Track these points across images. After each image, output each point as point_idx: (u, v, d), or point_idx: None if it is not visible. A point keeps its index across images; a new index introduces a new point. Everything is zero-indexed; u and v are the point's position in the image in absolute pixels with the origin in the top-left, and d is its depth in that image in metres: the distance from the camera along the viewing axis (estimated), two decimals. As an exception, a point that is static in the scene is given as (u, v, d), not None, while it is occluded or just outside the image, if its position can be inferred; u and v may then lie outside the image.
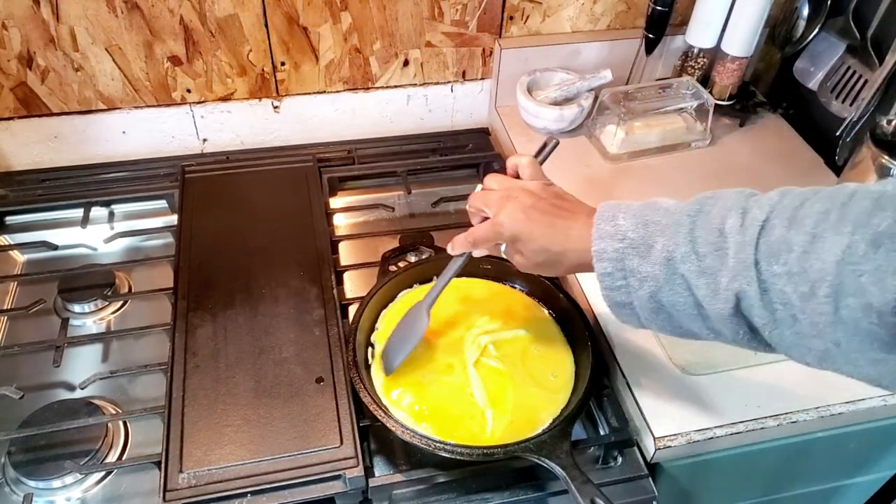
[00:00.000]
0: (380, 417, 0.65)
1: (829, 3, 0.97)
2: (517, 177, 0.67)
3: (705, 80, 1.07)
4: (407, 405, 0.69)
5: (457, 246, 0.67)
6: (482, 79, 1.09)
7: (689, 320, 0.53)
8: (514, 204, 0.61)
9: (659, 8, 0.98)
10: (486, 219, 0.64)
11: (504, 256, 0.66)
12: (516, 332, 0.77)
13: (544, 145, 0.70)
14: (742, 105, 1.08)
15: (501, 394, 0.70)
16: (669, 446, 0.68)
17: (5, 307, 0.86)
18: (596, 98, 1.02)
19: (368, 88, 1.06)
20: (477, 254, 0.69)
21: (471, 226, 0.66)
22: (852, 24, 0.95)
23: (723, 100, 1.06)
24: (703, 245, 0.50)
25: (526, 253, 0.61)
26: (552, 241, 0.59)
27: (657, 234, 0.52)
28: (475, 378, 0.71)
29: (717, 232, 0.50)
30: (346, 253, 0.93)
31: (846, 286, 0.43)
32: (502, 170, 1.02)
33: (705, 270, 0.49)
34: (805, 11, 1.00)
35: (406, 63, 1.04)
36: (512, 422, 0.68)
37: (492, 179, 0.66)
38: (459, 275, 0.81)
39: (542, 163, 0.69)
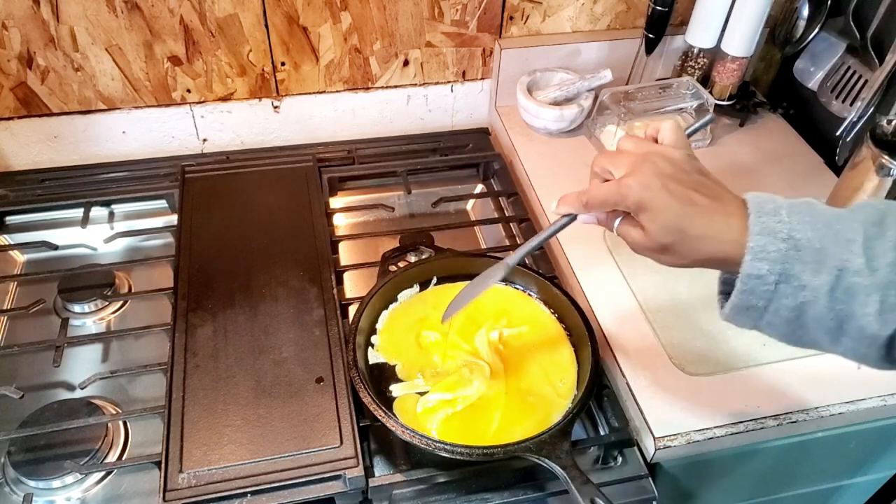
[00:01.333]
0: (380, 417, 0.65)
1: (829, 3, 0.97)
2: (656, 142, 0.56)
3: (705, 80, 1.07)
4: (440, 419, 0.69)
5: (565, 203, 0.57)
6: (482, 79, 1.09)
7: (823, 334, 0.48)
8: (650, 167, 0.51)
9: (659, 8, 0.98)
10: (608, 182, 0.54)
11: (615, 232, 0.55)
12: (520, 330, 0.77)
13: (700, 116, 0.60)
14: (742, 105, 1.08)
15: (513, 394, 0.71)
16: (669, 446, 0.68)
17: (5, 307, 0.86)
18: (596, 98, 1.02)
19: (368, 88, 1.06)
20: (583, 220, 0.57)
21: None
22: (852, 24, 0.95)
23: (723, 100, 1.06)
24: (879, 258, 0.45)
25: (651, 229, 0.51)
26: (690, 221, 0.50)
27: (828, 238, 0.46)
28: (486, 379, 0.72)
29: (894, 246, 0.45)
30: (346, 253, 0.93)
31: None
32: (503, 170, 1.03)
33: (877, 287, 0.45)
34: (805, 11, 1.00)
35: (406, 63, 1.04)
36: (523, 423, 0.68)
37: (628, 141, 0.55)
38: (460, 276, 0.82)
39: (689, 135, 0.58)
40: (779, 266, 0.47)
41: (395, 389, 0.71)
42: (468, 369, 0.72)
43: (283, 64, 0.99)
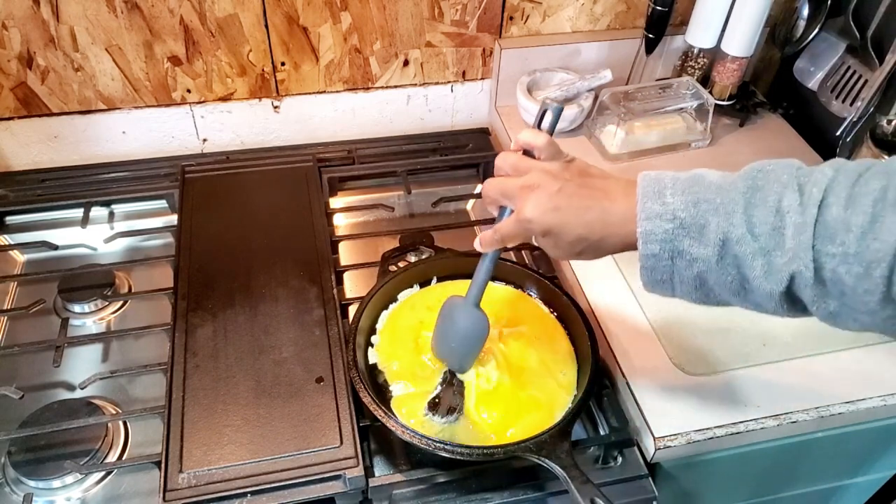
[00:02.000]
0: (380, 417, 0.65)
1: (829, 3, 0.97)
2: (530, 155, 0.60)
3: (705, 80, 1.07)
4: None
5: (485, 243, 0.62)
6: (482, 79, 1.09)
7: (730, 294, 0.51)
8: (538, 194, 0.55)
9: (659, 8, 0.98)
10: (503, 208, 0.59)
11: (537, 245, 0.60)
12: (520, 329, 0.77)
13: (543, 112, 0.61)
14: (742, 105, 1.08)
15: (519, 390, 0.71)
16: (669, 446, 0.68)
17: (5, 307, 0.86)
18: (596, 98, 1.02)
19: (368, 88, 1.06)
20: (510, 245, 0.62)
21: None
22: (852, 24, 0.95)
23: (723, 100, 1.06)
24: (759, 225, 0.48)
25: (561, 245, 0.56)
26: (589, 228, 0.54)
27: (710, 213, 0.50)
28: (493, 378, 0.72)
29: (774, 211, 0.48)
30: (346, 253, 0.93)
31: None
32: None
33: (761, 251, 0.48)
34: (805, 11, 1.00)
35: (406, 63, 1.04)
36: (525, 420, 0.68)
37: (504, 161, 0.60)
38: (461, 275, 0.82)
39: (551, 134, 0.61)
40: (668, 245, 0.51)
41: (395, 389, 0.71)
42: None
43: (283, 64, 0.99)
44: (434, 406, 0.69)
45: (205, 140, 1.06)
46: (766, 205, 0.48)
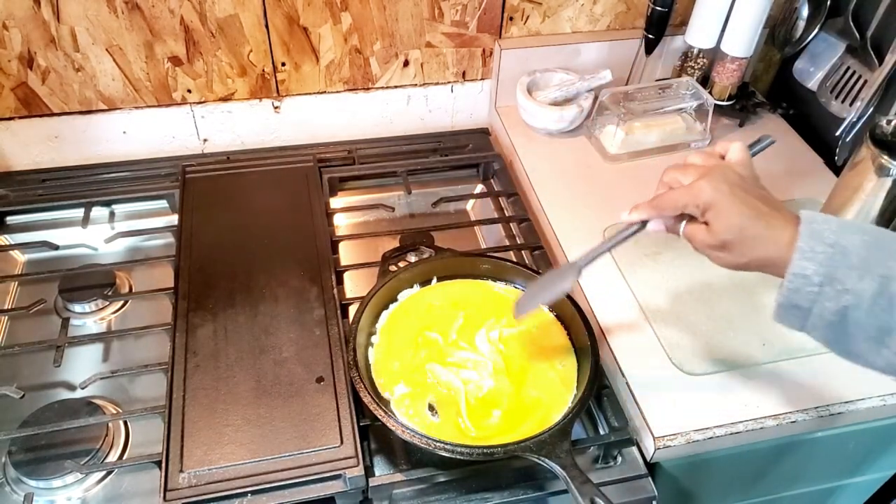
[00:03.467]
0: (380, 417, 0.65)
1: (828, 3, 0.98)
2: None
3: (705, 81, 1.07)
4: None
5: (637, 210, 0.61)
6: (482, 79, 1.09)
7: (865, 342, 0.50)
8: (719, 174, 0.56)
9: (659, 8, 0.98)
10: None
11: (682, 234, 0.60)
12: (521, 329, 0.77)
13: (758, 140, 0.64)
14: (742, 105, 1.08)
15: (519, 390, 0.71)
16: (669, 446, 0.68)
17: (6, 307, 0.86)
18: (596, 98, 1.02)
19: (368, 89, 1.06)
20: (651, 227, 0.61)
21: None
22: (852, 24, 0.95)
23: (722, 100, 1.06)
24: None
25: (715, 227, 0.55)
26: (751, 222, 0.54)
27: (874, 248, 0.49)
28: (492, 376, 0.72)
29: None
30: (346, 253, 0.93)
31: None
32: (503, 170, 1.03)
33: None
34: (805, 12, 1.00)
35: (406, 63, 1.04)
36: (525, 419, 0.69)
37: (696, 155, 0.61)
38: (461, 275, 0.82)
39: (753, 155, 0.62)
40: (824, 268, 0.50)
41: (395, 389, 0.71)
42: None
43: (283, 64, 0.99)
44: (434, 408, 0.69)
45: (205, 140, 1.06)
46: None
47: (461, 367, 0.72)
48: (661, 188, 0.61)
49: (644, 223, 0.61)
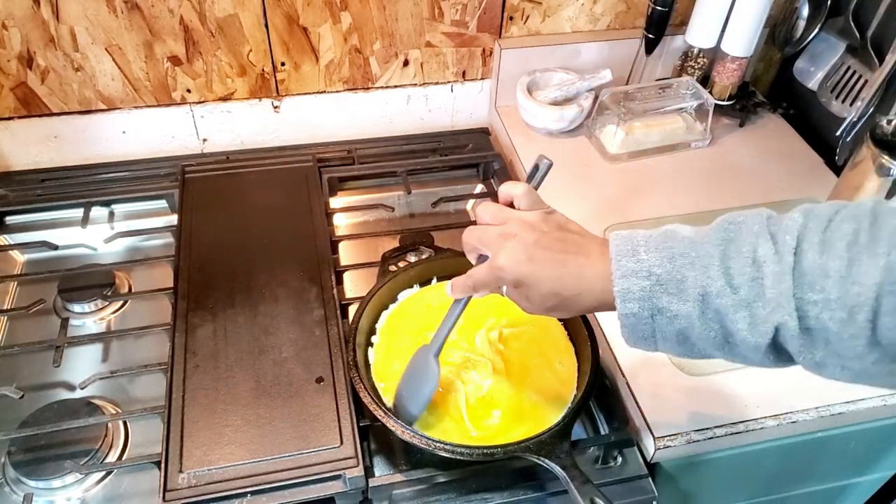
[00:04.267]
0: (380, 417, 0.65)
1: (828, 3, 0.98)
2: (511, 205, 0.60)
3: (705, 80, 1.07)
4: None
5: (456, 289, 0.61)
6: (482, 79, 1.09)
7: (714, 349, 0.50)
8: (514, 243, 0.54)
9: (659, 8, 0.98)
10: (484, 256, 0.58)
11: (508, 299, 0.59)
12: (521, 329, 0.77)
13: (535, 168, 0.62)
14: (742, 105, 1.08)
15: (519, 390, 0.71)
16: (669, 446, 0.68)
17: (5, 307, 0.86)
18: (596, 98, 1.02)
19: (368, 88, 1.06)
20: (478, 296, 0.61)
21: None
22: (852, 24, 0.95)
23: (723, 100, 1.06)
24: (737, 277, 0.47)
25: (533, 298, 0.55)
26: (563, 284, 0.53)
27: (686, 267, 0.49)
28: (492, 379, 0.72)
29: (751, 262, 0.47)
30: (346, 253, 0.93)
31: (885, 307, 0.42)
32: (502, 170, 1.03)
33: (742, 303, 0.47)
34: (805, 11, 1.00)
35: (406, 63, 1.04)
36: (526, 418, 0.69)
37: (485, 210, 0.59)
38: (460, 275, 0.82)
39: (537, 187, 0.62)
40: (647, 303, 0.50)
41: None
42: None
43: (283, 64, 0.99)
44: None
45: (205, 140, 1.06)
46: (741, 256, 0.47)
47: (461, 366, 0.72)
48: (471, 254, 0.60)
49: (470, 297, 0.62)
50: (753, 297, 0.46)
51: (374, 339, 0.76)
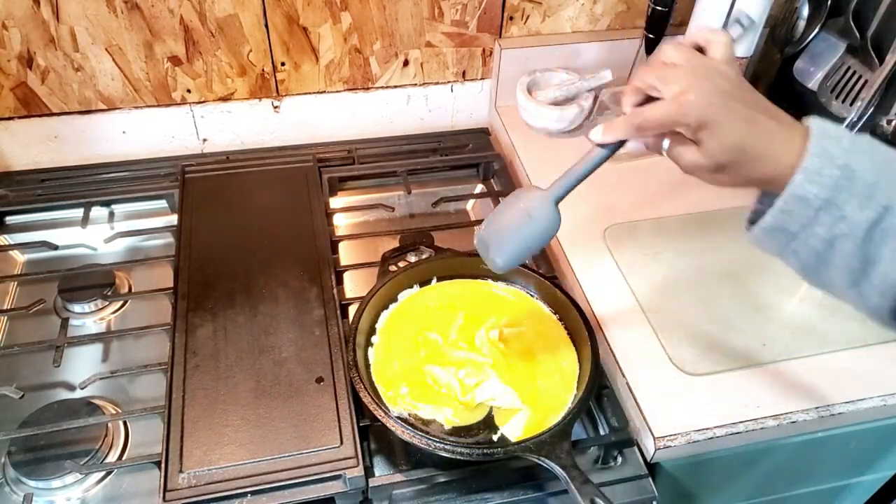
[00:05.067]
0: (380, 417, 0.65)
1: (829, 3, 0.97)
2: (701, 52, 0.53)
3: (705, 80, 1.07)
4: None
5: (611, 130, 0.53)
6: (482, 79, 1.09)
7: (845, 273, 0.46)
8: (708, 84, 0.48)
9: (659, 8, 0.98)
10: (653, 100, 0.50)
11: (665, 154, 0.52)
12: (521, 329, 0.77)
13: (737, 22, 0.56)
14: (742, 105, 1.08)
15: (521, 388, 0.71)
16: (669, 446, 0.68)
17: (5, 307, 0.86)
18: (596, 98, 1.02)
19: (368, 88, 1.06)
20: (630, 147, 0.54)
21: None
22: (852, 24, 0.95)
23: (723, 100, 1.06)
24: None
25: (710, 146, 0.48)
26: (751, 139, 0.48)
27: (883, 176, 0.44)
28: (493, 376, 0.72)
29: None
30: (346, 253, 0.93)
31: None
32: (502, 170, 1.03)
33: None
34: (805, 12, 1.00)
35: (406, 63, 1.04)
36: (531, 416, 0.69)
37: (674, 50, 0.51)
38: (460, 275, 0.82)
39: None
40: (827, 192, 0.45)
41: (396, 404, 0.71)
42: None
43: (283, 64, 0.99)
44: None
45: (205, 140, 1.06)
46: None
47: (461, 367, 0.72)
48: (632, 95, 0.52)
49: (619, 144, 0.54)
50: None
51: (374, 339, 0.76)
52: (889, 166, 0.45)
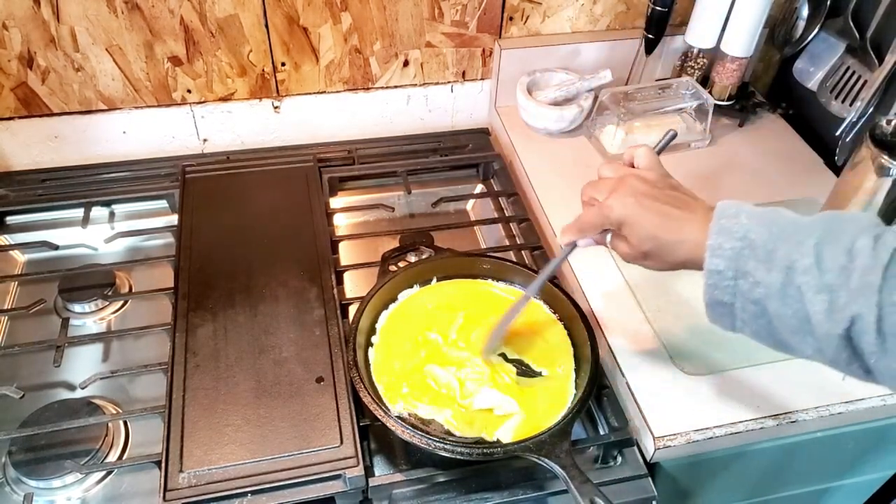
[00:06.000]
0: (380, 417, 0.65)
1: (828, 3, 0.98)
2: (633, 167, 0.64)
3: (705, 81, 1.07)
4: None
5: (565, 233, 0.65)
6: (482, 79, 1.09)
7: (790, 333, 0.51)
8: (625, 188, 0.59)
9: (658, 8, 0.98)
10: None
11: (608, 246, 0.64)
12: (520, 329, 0.77)
13: (663, 136, 0.68)
14: (742, 105, 1.08)
15: (519, 391, 0.71)
16: (669, 446, 0.68)
17: (6, 307, 0.86)
18: (596, 98, 1.02)
19: (368, 88, 1.06)
20: (583, 244, 0.65)
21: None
22: (852, 24, 0.95)
23: (722, 100, 1.06)
24: (828, 261, 0.48)
25: (632, 240, 0.59)
26: (663, 229, 0.57)
27: (780, 240, 0.50)
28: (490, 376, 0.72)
29: (846, 252, 0.47)
30: (346, 253, 0.93)
31: None
32: (502, 170, 1.03)
33: (825, 287, 0.47)
34: (805, 12, 1.00)
35: (406, 63, 1.04)
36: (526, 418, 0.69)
37: (606, 167, 0.64)
38: (461, 275, 0.82)
39: (659, 152, 0.66)
40: (734, 263, 0.52)
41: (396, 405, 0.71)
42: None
43: (283, 64, 0.99)
44: None
45: (205, 140, 1.06)
46: (838, 243, 0.48)
47: (461, 367, 0.72)
48: (583, 206, 0.64)
49: (575, 243, 0.65)
50: (838, 285, 0.47)
51: (374, 339, 0.76)
52: (784, 232, 0.51)
